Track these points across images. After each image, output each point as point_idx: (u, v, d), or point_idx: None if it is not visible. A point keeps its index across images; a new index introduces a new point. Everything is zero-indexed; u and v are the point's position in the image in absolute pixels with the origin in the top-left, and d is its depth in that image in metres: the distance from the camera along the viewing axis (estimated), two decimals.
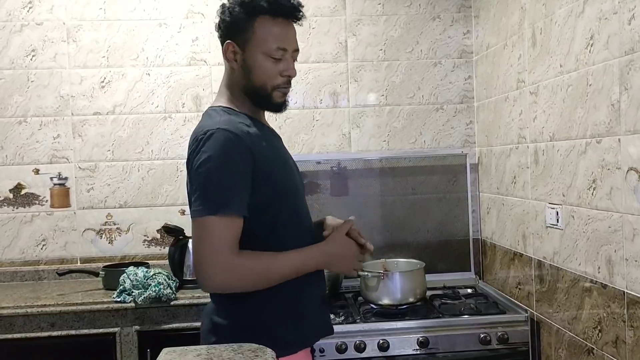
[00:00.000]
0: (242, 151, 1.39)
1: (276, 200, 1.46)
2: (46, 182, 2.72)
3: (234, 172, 1.37)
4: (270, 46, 1.46)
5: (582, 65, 1.84)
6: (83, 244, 2.73)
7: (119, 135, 2.75)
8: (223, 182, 1.36)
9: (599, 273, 1.78)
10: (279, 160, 1.52)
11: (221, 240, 1.35)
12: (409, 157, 2.84)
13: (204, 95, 2.77)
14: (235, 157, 1.38)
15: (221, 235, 1.35)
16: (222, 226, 1.35)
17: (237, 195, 1.37)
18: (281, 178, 1.48)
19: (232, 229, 1.37)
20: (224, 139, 1.37)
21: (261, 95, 1.50)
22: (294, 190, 1.53)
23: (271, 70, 1.48)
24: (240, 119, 1.47)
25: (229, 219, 1.36)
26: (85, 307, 2.25)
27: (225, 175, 1.36)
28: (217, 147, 1.37)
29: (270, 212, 1.45)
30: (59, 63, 2.73)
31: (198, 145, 1.39)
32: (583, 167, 1.85)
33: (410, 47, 2.85)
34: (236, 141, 1.38)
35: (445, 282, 2.66)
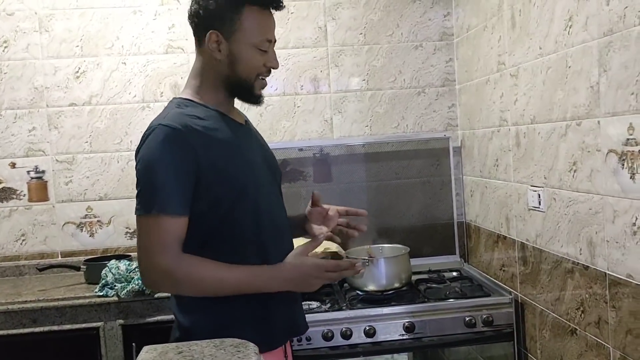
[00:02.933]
0: (183, 148, 1.35)
1: (229, 197, 1.40)
2: (23, 176, 2.67)
3: (172, 171, 1.34)
4: (257, 38, 1.44)
5: (561, 47, 1.83)
6: (63, 237, 2.69)
7: (96, 126, 2.70)
8: (160, 181, 1.34)
9: (581, 255, 1.79)
10: (236, 155, 1.44)
11: (155, 241, 1.34)
12: (391, 142, 2.82)
13: (182, 84, 2.68)
14: (173, 155, 1.34)
15: (156, 236, 1.34)
16: (158, 226, 1.34)
17: (175, 194, 1.34)
18: (236, 174, 1.42)
19: (169, 229, 1.34)
20: (163, 136, 1.35)
21: (243, 87, 1.48)
22: (252, 186, 1.45)
23: (257, 62, 1.45)
24: (195, 113, 1.42)
25: (166, 218, 1.33)
26: (67, 302, 2.22)
27: (162, 173, 1.34)
28: (155, 144, 1.35)
29: (224, 208, 1.40)
30: (32, 54, 2.66)
31: (141, 141, 1.40)
32: (564, 149, 1.85)
33: (391, 31, 2.82)
34: (176, 138, 1.35)
35: (430, 266, 2.67)
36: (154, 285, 1.42)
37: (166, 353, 1.13)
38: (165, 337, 1.84)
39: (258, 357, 1.10)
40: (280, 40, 2.63)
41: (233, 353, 1.10)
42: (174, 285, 1.39)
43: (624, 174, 1.55)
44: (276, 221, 1.53)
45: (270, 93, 2.74)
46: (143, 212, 1.35)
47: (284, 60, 2.75)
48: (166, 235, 1.34)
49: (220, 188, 1.39)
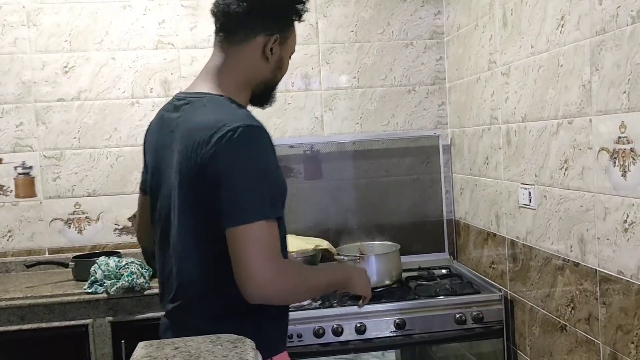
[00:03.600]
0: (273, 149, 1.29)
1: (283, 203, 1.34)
2: (10, 172, 2.63)
3: (273, 173, 1.27)
4: (294, 47, 1.46)
5: (553, 46, 1.84)
6: (51, 234, 2.66)
7: (84, 122, 2.67)
8: (271, 184, 1.26)
9: (571, 252, 1.81)
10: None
11: (273, 246, 1.24)
12: (382, 140, 2.83)
13: (172, 80, 2.70)
14: (271, 157, 1.28)
15: (272, 241, 1.23)
16: (272, 232, 1.24)
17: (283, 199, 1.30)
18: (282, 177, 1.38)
19: (276, 232, 1.26)
20: (260, 137, 1.26)
21: (271, 91, 1.47)
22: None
23: (285, 70, 1.47)
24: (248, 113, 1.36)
25: (274, 223, 1.25)
26: (55, 299, 2.20)
27: (272, 176, 1.27)
28: (256, 146, 1.25)
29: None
30: (20, 48, 2.62)
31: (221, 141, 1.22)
32: (555, 147, 1.86)
33: (382, 29, 2.82)
34: (268, 138, 1.28)
35: (420, 264, 2.68)
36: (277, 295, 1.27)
37: (162, 349, 1.12)
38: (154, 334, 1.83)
39: (255, 352, 1.09)
40: None
41: (230, 349, 1.09)
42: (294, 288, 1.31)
43: (615, 172, 1.57)
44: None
45: None
46: (261, 217, 1.21)
47: None
48: (273, 241, 1.24)
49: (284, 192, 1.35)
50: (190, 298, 1.37)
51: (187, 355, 1.07)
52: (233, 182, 1.22)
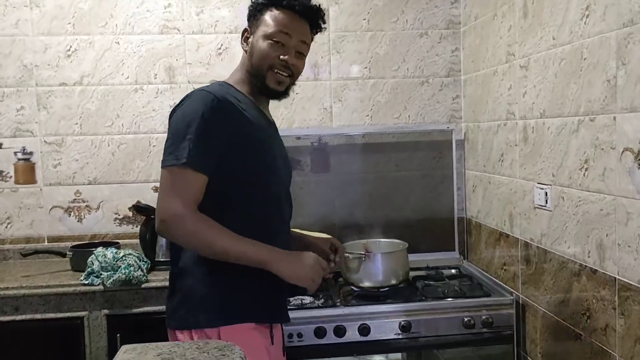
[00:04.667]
0: (219, 116, 1.45)
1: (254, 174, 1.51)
2: (10, 157, 2.57)
3: (205, 131, 1.42)
4: (271, 29, 1.55)
5: (576, 38, 1.73)
6: (51, 222, 2.60)
7: (87, 107, 2.59)
8: (193, 137, 1.41)
9: (589, 257, 1.70)
10: (265, 141, 1.56)
11: (177, 189, 1.41)
12: (392, 133, 2.72)
13: (177, 66, 2.62)
14: (210, 118, 1.43)
15: (179, 185, 1.41)
16: (183, 177, 1.41)
17: (203, 152, 1.42)
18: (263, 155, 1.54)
19: (192, 181, 1.42)
20: (203, 97, 1.46)
21: (258, 78, 1.57)
22: (273, 174, 1.57)
23: (269, 52, 1.55)
24: (234, 94, 1.54)
25: (191, 172, 1.41)
26: (51, 289, 2.14)
27: (196, 131, 1.42)
28: (196, 104, 1.45)
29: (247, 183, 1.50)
30: (22, 30, 2.55)
31: (180, 103, 1.50)
32: (575, 146, 1.75)
33: (395, 17, 2.71)
34: (215, 105, 1.45)
35: (428, 262, 2.58)
36: (163, 226, 1.43)
37: (145, 354, 1.04)
38: (151, 329, 1.76)
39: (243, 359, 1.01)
40: None
41: (217, 357, 1.01)
42: (182, 231, 1.42)
43: (639, 174, 1.46)
44: (282, 211, 1.64)
45: None
46: (173, 162, 1.42)
47: None
48: (188, 188, 1.42)
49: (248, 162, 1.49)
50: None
51: None
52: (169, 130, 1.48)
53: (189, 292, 1.51)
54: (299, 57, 1.60)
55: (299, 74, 1.63)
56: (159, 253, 2.34)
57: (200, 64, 2.62)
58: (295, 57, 1.58)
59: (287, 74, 1.58)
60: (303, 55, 1.62)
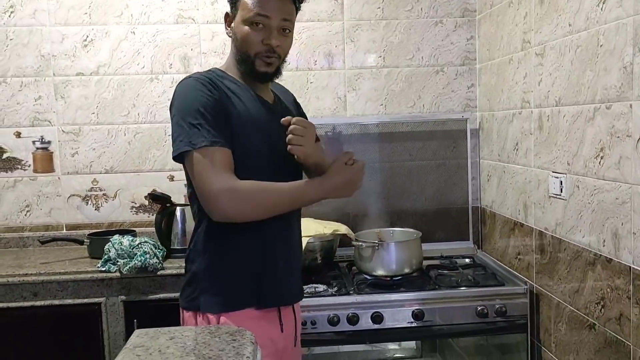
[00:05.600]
0: (209, 90, 1.46)
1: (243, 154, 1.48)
2: (28, 146, 2.61)
3: (209, 110, 1.44)
4: (249, 13, 1.50)
5: (592, 24, 1.70)
6: (69, 210, 2.64)
7: (103, 97, 2.62)
8: (197, 119, 1.43)
9: (604, 246, 1.69)
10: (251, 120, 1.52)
11: (210, 169, 1.41)
12: (407, 122, 2.71)
13: (192, 56, 2.63)
14: (202, 96, 1.45)
15: (209, 165, 1.41)
16: (208, 157, 1.41)
17: (218, 131, 1.43)
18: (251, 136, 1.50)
19: (218, 157, 1.42)
20: (186, 83, 1.49)
21: (246, 64, 1.54)
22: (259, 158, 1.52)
23: (251, 38, 1.51)
24: (222, 77, 1.54)
25: (212, 149, 1.42)
26: (69, 276, 2.18)
27: (196, 113, 1.43)
28: (184, 90, 1.48)
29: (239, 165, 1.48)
30: (39, 20, 2.58)
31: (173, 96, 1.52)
32: (590, 134, 1.74)
33: (410, 5, 2.69)
34: (195, 83, 1.47)
35: (442, 251, 2.58)
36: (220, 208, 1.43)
37: (157, 338, 1.06)
38: (167, 315, 1.80)
39: (254, 346, 1.02)
40: None
41: (228, 342, 1.03)
42: (238, 201, 1.43)
43: None
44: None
45: None
46: (190, 147, 1.42)
47: (297, 34, 2.64)
48: (217, 163, 1.42)
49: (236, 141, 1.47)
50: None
51: (182, 347, 1.01)
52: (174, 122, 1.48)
53: (193, 274, 1.55)
54: (284, 35, 1.54)
55: (287, 52, 1.58)
56: (174, 241, 2.37)
57: (215, 54, 2.63)
58: (280, 35, 1.52)
59: (275, 56, 1.53)
60: (289, 31, 1.55)
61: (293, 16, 1.56)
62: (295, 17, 1.58)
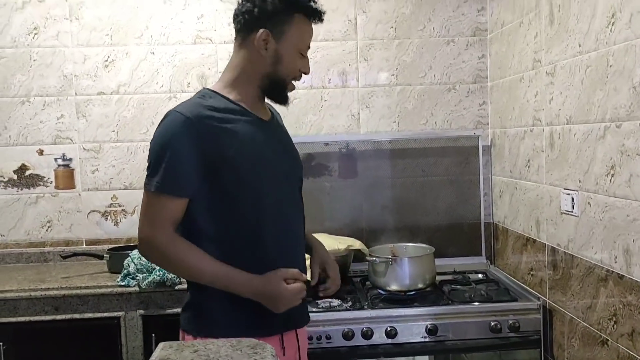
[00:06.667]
0: (190, 136, 1.42)
1: (234, 187, 1.47)
2: (50, 163, 2.68)
3: (177, 154, 1.42)
4: (302, 44, 1.55)
5: (602, 45, 1.74)
6: (88, 225, 2.71)
7: (123, 115, 2.69)
8: (165, 162, 1.42)
9: (616, 263, 1.71)
10: (247, 148, 1.49)
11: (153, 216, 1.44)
12: (419, 139, 2.76)
13: (209, 75, 2.70)
14: (180, 140, 1.42)
15: (154, 211, 1.44)
16: (157, 203, 1.43)
17: (176, 176, 1.42)
18: (243, 165, 1.47)
19: (167, 207, 1.44)
20: (173, 121, 1.44)
21: (279, 86, 1.56)
22: (260, 180, 1.51)
23: (296, 65, 1.55)
24: (214, 104, 1.49)
25: (164, 197, 1.43)
26: (89, 290, 2.23)
27: (168, 155, 1.42)
28: (166, 128, 1.45)
29: (228, 198, 1.47)
30: (62, 41, 2.66)
31: (158, 126, 1.49)
32: (601, 152, 1.77)
33: (422, 25, 2.75)
34: (184, 124, 1.43)
35: (455, 267, 2.60)
36: (143, 253, 1.51)
37: (182, 351, 1.10)
38: None
39: (275, 359, 1.06)
40: None
41: (250, 355, 1.06)
42: (159, 259, 1.50)
43: None
44: (283, 219, 1.57)
45: (296, 86, 2.70)
46: (147, 188, 1.45)
47: (312, 53, 2.68)
48: (163, 213, 1.44)
49: (226, 177, 1.46)
50: None
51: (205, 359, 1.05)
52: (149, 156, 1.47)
53: (192, 298, 1.55)
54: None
55: None
56: None
57: None
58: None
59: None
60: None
61: None
62: None
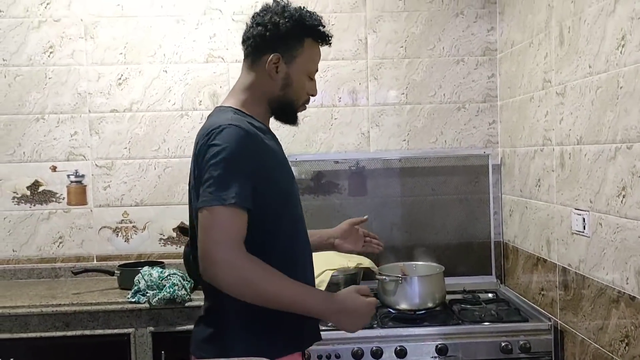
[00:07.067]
0: (252, 148, 1.41)
1: (275, 203, 1.46)
2: (63, 180, 2.71)
3: (243, 166, 1.38)
4: (312, 68, 1.57)
5: (612, 67, 1.75)
6: (99, 241, 2.73)
7: (135, 132, 2.72)
8: (236, 175, 1.36)
9: (627, 284, 1.70)
10: (282, 165, 1.54)
11: (227, 233, 1.32)
12: (429, 157, 2.77)
13: (221, 93, 2.73)
14: (245, 152, 1.39)
15: (228, 228, 1.33)
16: (231, 219, 1.33)
17: (244, 188, 1.37)
18: (284, 184, 1.52)
19: (240, 221, 1.35)
20: (236, 134, 1.39)
21: (289, 108, 1.57)
22: (293, 196, 1.56)
23: (307, 88, 1.57)
24: (251, 122, 1.50)
25: (236, 211, 1.34)
26: (100, 307, 2.24)
27: (238, 168, 1.37)
28: (230, 140, 1.37)
29: (271, 216, 1.45)
30: (77, 60, 2.71)
31: (210, 138, 1.39)
32: (612, 173, 1.77)
33: (432, 44, 2.77)
34: (247, 137, 1.41)
35: (465, 286, 2.60)
36: (218, 277, 1.33)
37: None
38: None
39: None
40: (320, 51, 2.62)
41: None
42: (236, 282, 1.33)
43: None
44: (305, 233, 1.61)
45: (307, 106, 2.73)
46: (217, 202, 1.33)
47: (323, 72, 2.73)
48: (237, 229, 1.34)
49: (269, 193, 1.44)
50: None
51: None
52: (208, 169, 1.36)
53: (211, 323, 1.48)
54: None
55: None
56: None
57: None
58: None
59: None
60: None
61: None
62: None
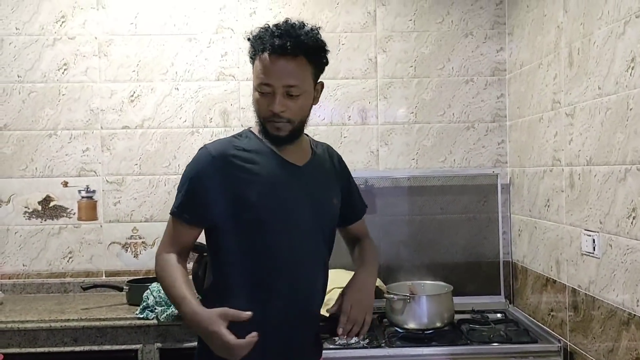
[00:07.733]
0: (210, 170, 1.53)
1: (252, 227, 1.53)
2: (74, 195, 2.73)
3: (192, 186, 1.55)
4: (257, 81, 1.52)
5: (622, 89, 1.76)
6: (109, 257, 2.74)
7: (146, 149, 2.75)
8: (182, 191, 1.56)
9: (638, 306, 1.69)
10: (266, 189, 1.53)
11: (166, 235, 1.60)
12: (438, 176, 2.77)
13: (231, 111, 2.76)
14: (200, 174, 1.54)
15: (166, 232, 1.60)
16: (170, 225, 1.60)
17: (188, 205, 1.55)
18: (256, 206, 1.52)
19: (175, 228, 1.58)
20: (199, 155, 1.58)
21: (262, 127, 1.56)
22: (272, 223, 1.53)
23: (259, 103, 1.53)
24: (244, 145, 1.58)
25: (174, 219, 1.58)
26: (108, 322, 2.24)
27: (186, 185, 1.56)
28: (193, 161, 1.58)
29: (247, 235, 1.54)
30: (90, 77, 2.75)
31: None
32: (622, 194, 1.77)
33: (442, 64, 2.79)
34: (206, 160, 1.54)
35: (473, 305, 2.58)
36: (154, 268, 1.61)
37: None
38: None
39: None
40: (330, 70, 2.62)
41: None
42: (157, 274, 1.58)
43: None
44: (293, 263, 1.56)
45: (317, 122, 2.75)
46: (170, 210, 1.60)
47: (333, 91, 2.76)
48: (173, 234, 1.59)
49: (245, 216, 1.53)
50: None
51: None
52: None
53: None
54: (292, 99, 1.49)
55: (298, 114, 1.52)
56: None
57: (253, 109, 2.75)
58: (286, 99, 1.48)
59: (283, 121, 1.50)
60: (297, 95, 1.49)
61: (299, 80, 1.48)
62: (314, 75, 1.53)
